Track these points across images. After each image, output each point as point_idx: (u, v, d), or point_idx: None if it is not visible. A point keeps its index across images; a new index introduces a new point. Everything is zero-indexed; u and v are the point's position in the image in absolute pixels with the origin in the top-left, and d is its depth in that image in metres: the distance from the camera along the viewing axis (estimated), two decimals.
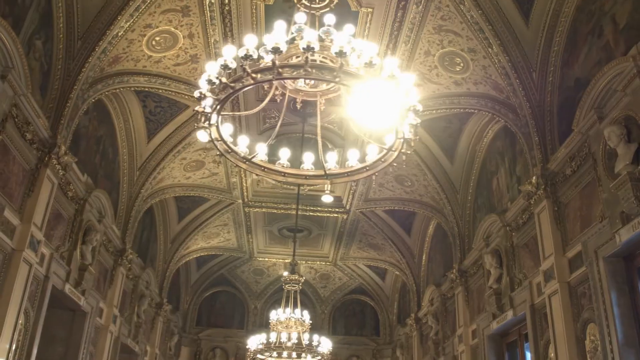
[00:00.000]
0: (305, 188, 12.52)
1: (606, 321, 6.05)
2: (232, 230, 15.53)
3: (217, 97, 3.35)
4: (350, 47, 3.31)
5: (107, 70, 8.50)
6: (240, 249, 16.76)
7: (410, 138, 3.51)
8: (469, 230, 11.20)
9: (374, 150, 3.90)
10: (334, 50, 3.11)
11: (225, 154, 3.77)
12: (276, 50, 3.11)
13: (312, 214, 14.18)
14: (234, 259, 17.78)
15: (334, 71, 3.09)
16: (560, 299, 7.03)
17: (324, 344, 10.51)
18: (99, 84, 8.44)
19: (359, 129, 4.20)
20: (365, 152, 3.89)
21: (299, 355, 10.12)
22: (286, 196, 13.58)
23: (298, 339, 9.95)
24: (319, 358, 10.49)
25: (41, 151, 7.35)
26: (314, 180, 3.98)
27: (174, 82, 9.19)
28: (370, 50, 3.24)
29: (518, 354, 9.11)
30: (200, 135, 3.67)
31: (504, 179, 9.75)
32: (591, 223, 6.66)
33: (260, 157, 3.92)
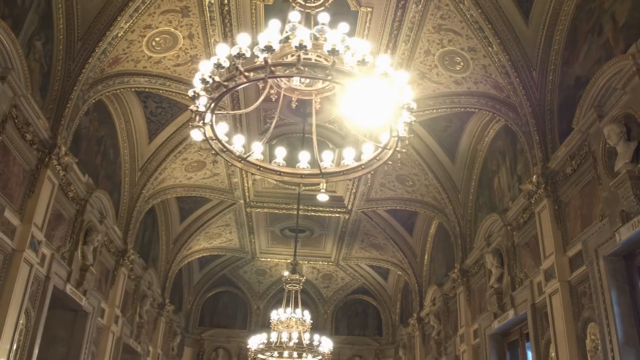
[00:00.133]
0: (304, 187, 12.55)
1: (606, 320, 6.03)
2: (234, 231, 15.55)
3: (211, 96, 3.35)
4: (345, 46, 3.31)
5: (108, 71, 8.52)
6: (243, 250, 16.78)
7: (405, 136, 3.51)
8: (470, 229, 11.17)
9: (369, 149, 3.91)
10: (326, 48, 3.12)
11: (220, 153, 3.78)
12: (268, 49, 3.11)
13: (314, 214, 14.19)
14: (236, 259, 17.80)
15: (327, 69, 3.10)
16: (561, 298, 7.01)
17: (325, 344, 10.51)
18: (99, 85, 8.46)
19: (353, 128, 4.19)
20: (361, 151, 3.88)
21: (299, 355, 10.13)
22: (288, 196, 13.59)
23: (299, 339, 9.95)
24: (319, 358, 10.49)
25: (41, 152, 7.37)
26: (310, 179, 3.98)
27: (175, 83, 9.20)
28: (363, 48, 3.23)
29: (519, 354, 9.09)
30: (195, 134, 3.68)
31: (505, 178, 9.73)
32: (591, 222, 6.63)
33: (256, 156, 3.94)
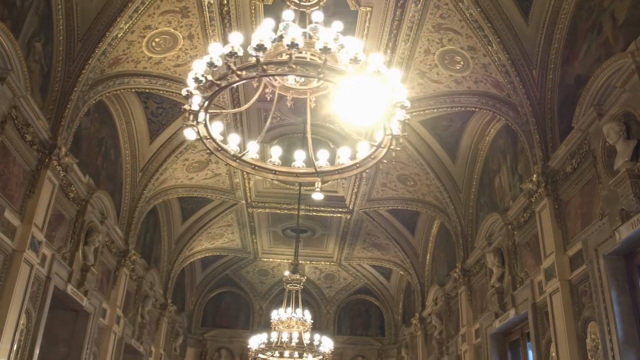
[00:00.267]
0: (305, 187, 12.54)
1: (606, 319, 6.01)
2: (236, 231, 15.56)
3: (205, 95, 3.35)
4: (339, 44, 3.31)
5: (108, 72, 8.54)
6: (245, 250, 16.79)
7: (399, 134, 3.51)
8: (472, 229, 11.15)
9: (364, 148, 3.91)
10: (318, 46, 3.11)
11: (214, 152, 3.79)
12: (260, 48, 3.12)
13: (316, 214, 14.18)
14: (238, 259, 17.81)
15: (319, 67, 3.10)
16: (561, 297, 6.99)
17: (325, 344, 10.51)
18: (99, 86, 8.48)
19: (347, 126, 4.19)
20: (356, 150, 3.89)
21: (300, 355, 10.13)
22: (289, 196, 13.59)
23: (299, 339, 9.94)
24: (320, 358, 10.49)
25: (41, 152, 7.39)
26: (305, 177, 3.99)
27: (175, 83, 9.21)
28: (356, 47, 3.23)
29: (521, 353, 9.06)
30: (188, 133, 3.69)
31: (506, 178, 9.71)
32: (591, 221, 6.61)
33: (251, 155, 3.94)
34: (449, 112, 10.01)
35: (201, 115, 3.68)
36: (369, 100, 3.23)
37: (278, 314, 10.03)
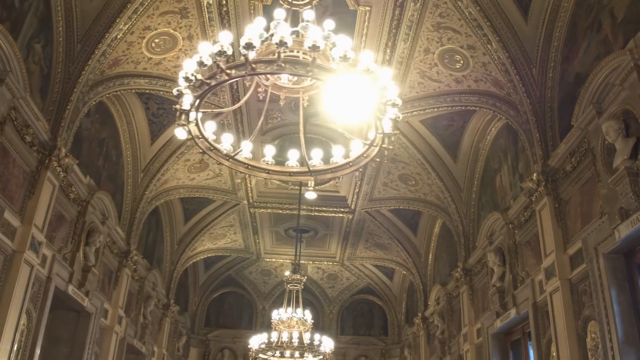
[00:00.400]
0: (306, 187, 12.54)
1: (606, 318, 5.98)
2: (239, 231, 15.57)
3: (195, 94, 3.36)
4: (331, 42, 3.31)
5: (108, 73, 8.57)
6: (248, 250, 16.80)
7: (390, 133, 3.50)
8: (473, 228, 11.12)
9: (357, 146, 3.90)
10: (307, 44, 3.11)
11: (207, 152, 3.79)
12: (249, 46, 3.12)
13: (318, 214, 14.18)
14: (241, 259, 17.82)
15: (308, 66, 3.10)
16: (562, 296, 6.96)
17: (326, 344, 10.50)
18: (99, 87, 8.50)
19: (340, 125, 4.19)
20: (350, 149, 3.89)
21: (301, 355, 10.12)
22: (291, 196, 13.58)
23: (299, 339, 9.94)
24: (320, 357, 10.48)
25: (41, 153, 7.41)
26: (298, 176, 3.99)
27: (175, 84, 9.09)
28: (345, 45, 3.23)
29: (522, 353, 9.02)
30: (178, 133, 3.69)
31: (506, 177, 9.68)
32: (591, 219, 6.58)
33: (244, 155, 3.94)
34: (449, 112, 10.00)
35: (195, 115, 3.68)
36: (360, 99, 3.23)
37: (278, 314, 10.04)
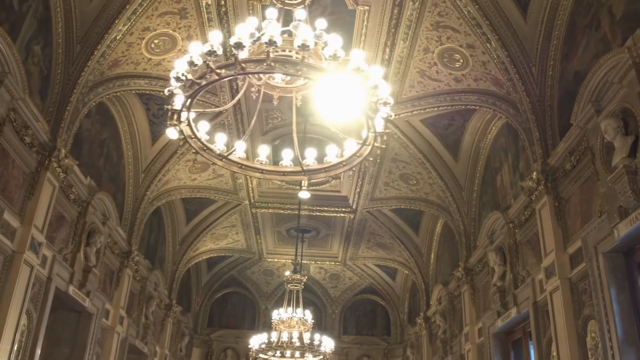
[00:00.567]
0: (308, 188, 12.53)
1: (606, 318, 5.95)
2: (241, 232, 15.58)
3: (186, 94, 3.36)
4: (323, 42, 3.31)
5: (107, 74, 8.58)
6: (250, 250, 16.81)
7: (383, 132, 3.50)
8: (474, 227, 11.09)
9: (351, 146, 3.90)
10: (296, 43, 3.11)
11: (200, 152, 3.80)
12: (238, 46, 3.12)
13: (319, 214, 14.18)
14: (243, 260, 17.83)
15: (297, 65, 3.10)
16: (562, 295, 6.94)
17: (326, 344, 10.49)
18: (99, 88, 8.52)
19: (331, 124, 4.19)
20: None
21: (302, 354, 10.12)
22: (292, 196, 13.58)
23: (299, 339, 9.94)
24: (320, 357, 10.47)
25: (41, 154, 7.43)
26: (292, 176, 3.99)
27: None
28: (335, 43, 3.22)
29: (523, 353, 8.99)
30: (170, 133, 3.70)
31: (507, 176, 9.65)
32: (591, 218, 6.56)
33: (238, 154, 3.94)
34: (449, 111, 9.98)
35: (190, 115, 3.68)
36: (351, 98, 3.22)
37: (279, 314, 10.04)
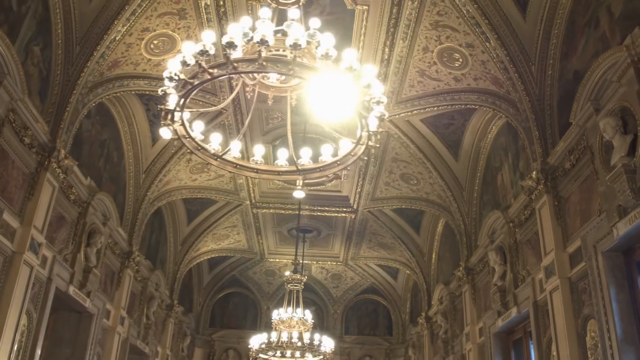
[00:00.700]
0: (309, 188, 12.54)
1: (605, 317, 5.93)
2: (242, 232, 15.59)
3: (179, 94, 3.37)
4: (316, 41, 3.31)
5: (107, 75, 8.60)
6: (251, 250, 16.81)
7: (377, 131, 3.49)
8: (475, 227, 11.08)
9: (346, 145, 3.90)
10: (288, 43, 3.11)
11: (194, 151, 3.80)
12: (230, 45, 3.13)
13: (320, 214, 14.18)
14: (245, 260, 17.84)
15: (289, 64, 3.10)
16: (561, 295, 6.92)
17: (326, 344, 10.49)
18: (99, 88, 8.54)
19: (326, 124, 4.19)
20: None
21: (302, 354, 10.12)
22: (293, 197, 13.53)
23: (299, 339, 9.94)
24: (320, 357, 10.47)
25: (41, 155, 7.45)
26: (287, 175, 3.99)
27: None
28: (327, 42, 3.22)
29: (524, 352, 8.97)
30: (163, 133, 3.70)
31: (507, 175, 9.63)
32: (590, 217, 6.54)
33: (233, 154, 3.95)
34: (450, 110, 9.97)
35: (185, 115, 3.69)
36: (344, 97, 3.22)
37: (279, 314, 10.04)
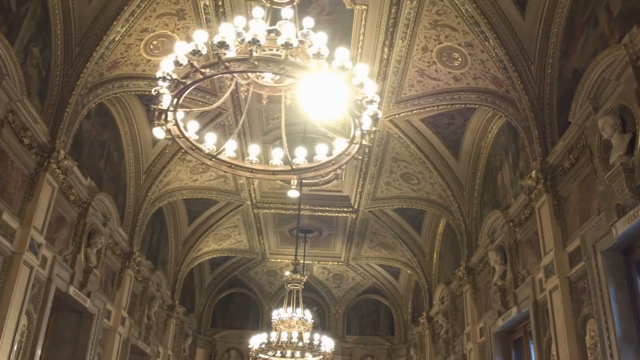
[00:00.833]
0: (310, 188, 12.56)
1: (604, 317, 5.92)
2: (243, 232, 15.59)
3: (172, 94, 3.37)
4: (310, 40, 3.31)
5: (107, 75, 8.61)
6: (253, 251, 16.82)
7: (370, 130, 3.49)
8: (476, 227, 11.06)
9: (341, 144, 3.90)
10: (280, 42, 3.12)
11: (189, 151, 3.81)
12: (222, 45, 3.13)
13: (321, 214, 14.18)
14: (246, 260, 17.85)
15: (281, 63, 3.10)
16: (561, 294, 6.90)
17: (326, 344, 10.48)
18: (98, 89, 8.55)
19: (320, 123, 4.19)
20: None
21: (302, 354, 10.12)
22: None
23: (299, 339, 9.94)
24: (320, 357, 10.47)
25: (40, 156, 7.46)
26: (282, 175, 3.99)
27: None
28: (320, 42, 3.22)
29: (524, 352, 8.95)
30: (156, 132, 3.71)
31: (508, 175, 9.62)
32: (589, 216, 6.52)
33: (228, 154, 3.95)
34: (449, 110, 9.96)
35: (179, 115, 3.70)
36: (336, 96, 3.22)
37: (279, 314, 10.05)
